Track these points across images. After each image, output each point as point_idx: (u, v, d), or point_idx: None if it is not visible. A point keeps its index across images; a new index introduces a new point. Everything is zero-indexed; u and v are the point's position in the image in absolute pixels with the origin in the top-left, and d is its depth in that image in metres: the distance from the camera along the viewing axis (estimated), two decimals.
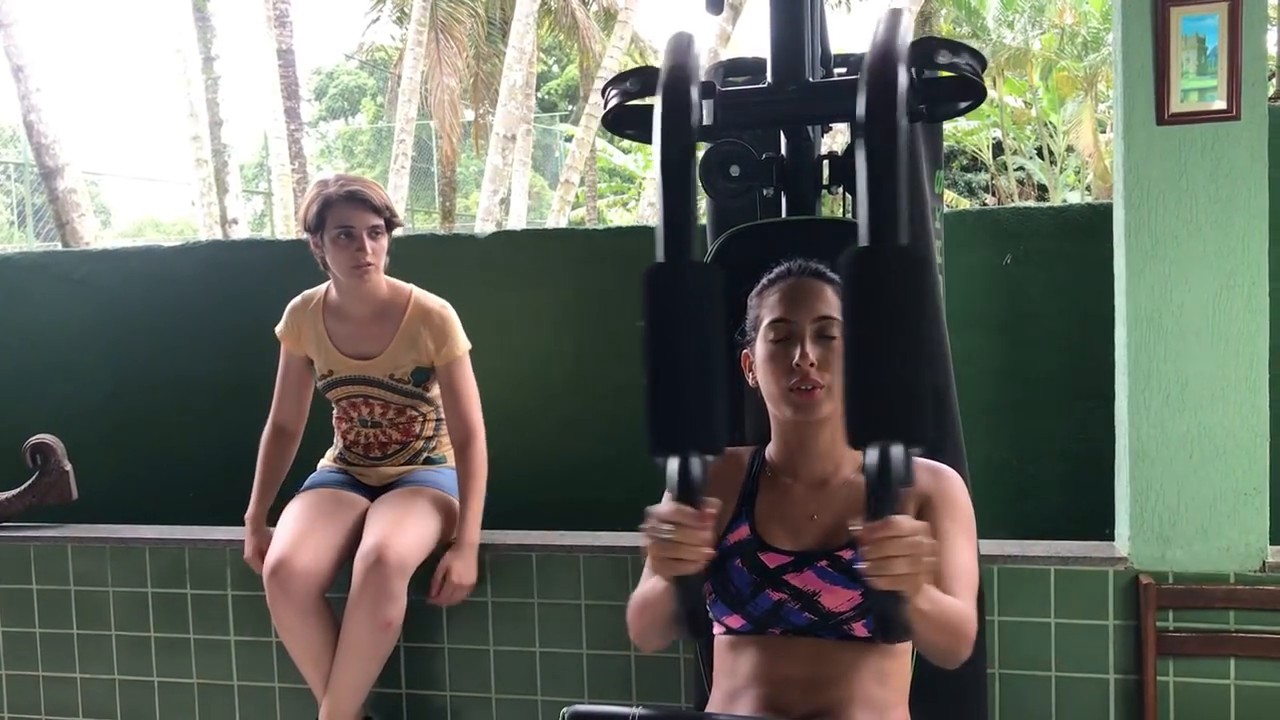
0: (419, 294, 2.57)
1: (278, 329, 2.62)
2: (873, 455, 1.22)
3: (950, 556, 1.54)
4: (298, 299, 2.63)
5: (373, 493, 2.58)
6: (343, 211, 2.44)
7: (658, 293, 1.37)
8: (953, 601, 1.46)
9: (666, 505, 1.36)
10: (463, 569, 2.45)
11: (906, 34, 1.40)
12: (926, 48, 1.68)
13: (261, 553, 2.46)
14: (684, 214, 1.36)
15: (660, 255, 1.36)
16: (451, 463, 2.65)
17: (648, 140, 1.99)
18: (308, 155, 13.71)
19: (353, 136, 28.50)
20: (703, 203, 2.23)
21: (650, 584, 1.57)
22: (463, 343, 2.54)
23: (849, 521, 1.30)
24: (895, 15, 1.41)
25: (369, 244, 2.44)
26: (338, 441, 2.71)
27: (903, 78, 1.27)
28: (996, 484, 2.68)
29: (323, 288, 2.62)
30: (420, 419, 2.62)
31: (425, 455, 2.65)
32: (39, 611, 2.88)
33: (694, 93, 1.40)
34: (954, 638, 1.46)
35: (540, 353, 3.05)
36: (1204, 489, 2.22)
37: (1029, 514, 2.72)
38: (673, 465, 1.35)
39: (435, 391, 2.59)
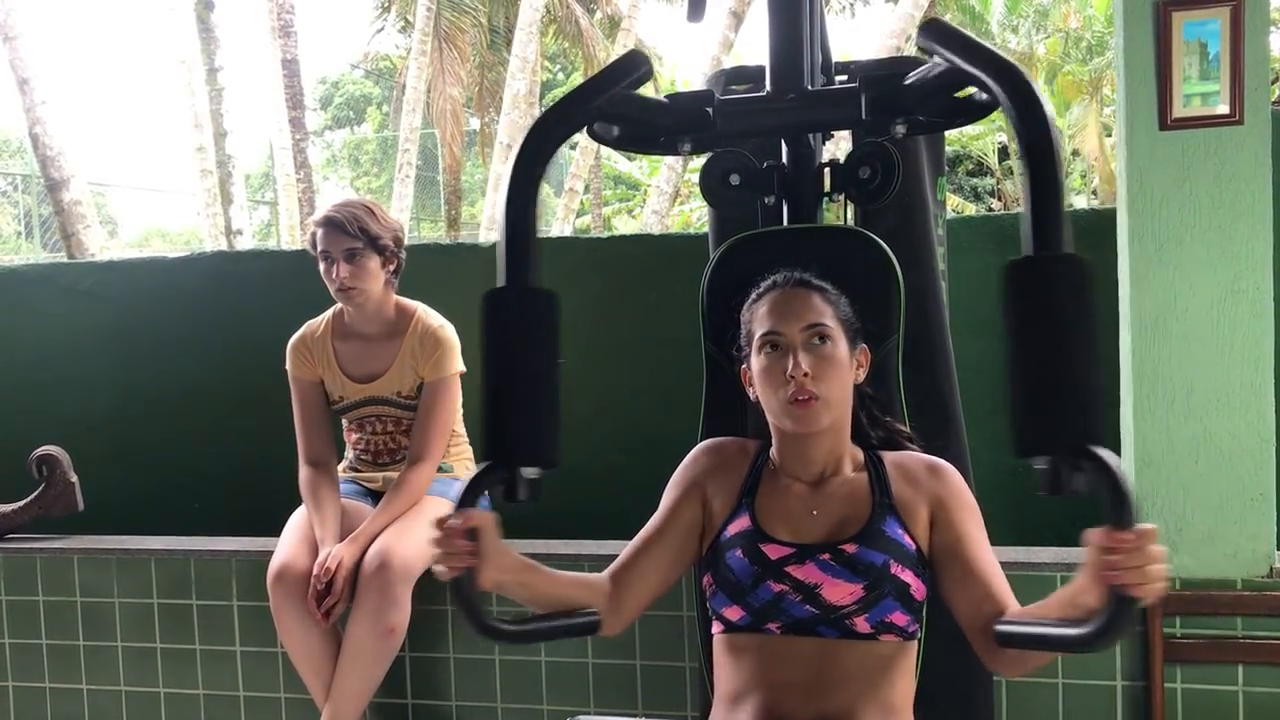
0: (423, 312, 2.60)
1: (287, 367, 2.63)
2: (1091, 464, 1.26)
3: (983, 555, 1.57)
4: (298, 335, 2.64)
5: (379, 500, 2.57)
6: (321, 236, 2.50)
7: (490, 315, 1.43)
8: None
9: (447, 510, 1.45)
10: (344, 551, 2.37)
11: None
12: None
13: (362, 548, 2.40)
14: (524, 241, 1.43)
15: (501, 279, 1.42)
16: (459, 472, 2.66)
17: (636, 150, 2.01)
18: (313, 165, 13.75)
19: (358, 145, 28.57)
20: (705, 211, 2.22)
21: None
22: (451, 365, 2.55)
23: (1089, 533, 1.31)
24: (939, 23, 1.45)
25: (345, 267, 2.47)
26: (349, 451, 2.74)
27: (1044, 97, 1.31)
28: (1001, 490, 2.66)
29: (328, 314, 2.66)
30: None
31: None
32: (45, 622, 2.88)
33: (560, 129, 1.51)
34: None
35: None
36: (1210, 495, 2.21)
37: (1034, 520, 2.70)
38: (467, 474, 1.47)
39: None
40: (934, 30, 1.48)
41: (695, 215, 16.84)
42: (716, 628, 1.63)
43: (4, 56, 7.62)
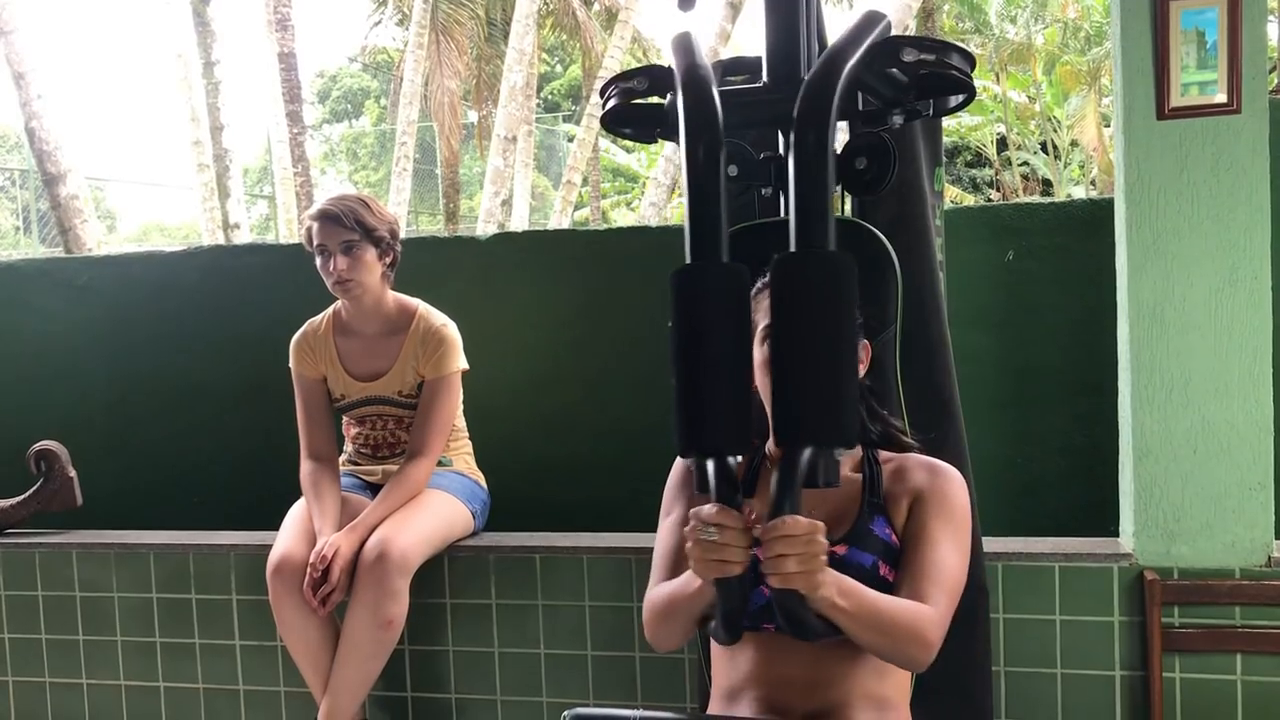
0: (425, 310, 2.60)
1: (290, 364, 2.62)
2: (789, 456, 1.25)
3: (930, 553, 1.54)
4: (300, 332, 2.63)
5: (378, 493, 2.58)
6: (317, 230, 2.49)
7: (687, 293, 1.33)
8: (890, 600, 1.46)
9: (710, 507, 1.34)
10: (341, 540, 2.36)
11: (869, 36, 1.41)
12: (893, 47, 1.67)
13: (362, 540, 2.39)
14: (712, 213, 1.34)
15: (689, 256, 1.33)
16: (458, 466, 2.66)
17: (644, 139, 2.00)
18: (311, 158, 13.73)
19: (356, 139, 28.53)
20: None
21: (676, 585, 1.56)
22: (452, 363, 2.55)
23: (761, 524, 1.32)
24: (870, 17, 1.42)
25: (342, 260, 2.47)
26: (348, 445, 2.74)
27: (840, 85, 1.28)
28: (1000, 481, 2.67)
29: (329, 311, 2.65)
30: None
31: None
32: (44, 618, 2.88)
33: (715, 91, 1.40)
34: (894, 637, 1.44)
35: (542, 353, 3.05)
36: (1208, 484, 2.21)
37: (1032, 511, 2.71)
38: (712, 466, 1.33)
39: None
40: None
41: None
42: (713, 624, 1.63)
43: (0, 50, 7.60)
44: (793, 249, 1.26)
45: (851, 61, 1.35)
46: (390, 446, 2.67)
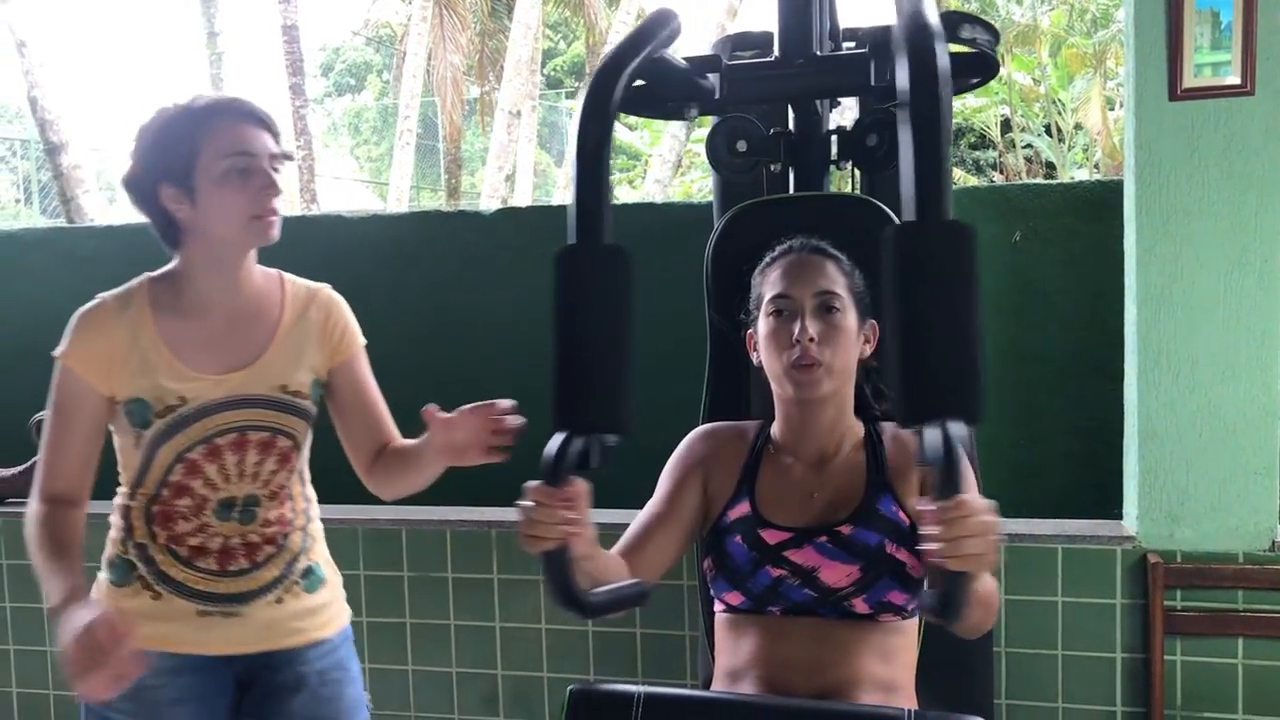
0: (292, 279, 1.81)
1: (59, 352, 1.74)
2: (933, 434, 1.18)
3: None
4: (94, 307, 1.75)
5: (220, 673, 1.74)
6: (243, 134, 1.61)
7: (567, 274, 1.37)
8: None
9: (533, 482, 1.36)
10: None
11: (933, 3, 1.37)
12: (948, 22, 1.66)
13: (111, 625, 1.50)
14: (596, 197, 1.37)
15: (571, 237, 1.36)
16: (325, 570, 1.83)
17: (643, 114, 1.99)
18: (314, 132, 13.68)
19: (359, 113, 28.42)
20: (706, 183, 2.21)
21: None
22: (358, 331, 1.83)
23: (917, 503, 1.28)
24: None
25: (277, 179, 1.65)
26: (139, 564, 1.81)
27: (942, 47, 1.24)
28: (1005, 463, 2.67)
29: (136, 284, 1.77)
30: (299, 481, 1.79)
31: (303, 566, 1.77)
32: None
33: (621, 79, 1.41)
34: (988, 610, 1.45)
35: (544, 327, 3.03)
36: (1213, 468, 2.21)
37: (1037, 493, 2.71)
38: (551, 443, 1.35)
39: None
40: None
41: (696, 187, 16.78)
42: (718, 607, 1.63)
43: (2, 18, 7.56)
44: (911, 219, 1.20)
45: (938, 24, 1.30)
46: (250, 551, 1.72)
